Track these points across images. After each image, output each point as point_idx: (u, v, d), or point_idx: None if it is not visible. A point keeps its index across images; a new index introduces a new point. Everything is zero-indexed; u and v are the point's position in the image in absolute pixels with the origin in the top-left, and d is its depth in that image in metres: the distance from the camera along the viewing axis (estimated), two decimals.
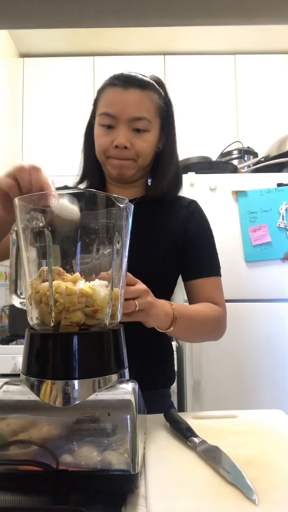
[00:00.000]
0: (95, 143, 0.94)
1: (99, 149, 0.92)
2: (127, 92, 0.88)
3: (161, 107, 0.94)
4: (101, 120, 0.91)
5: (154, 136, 0.93)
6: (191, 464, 0.58)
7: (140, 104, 0.89)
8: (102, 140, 0.91)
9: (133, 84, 0.89)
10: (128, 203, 0.59)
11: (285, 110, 2.60)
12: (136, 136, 0.90)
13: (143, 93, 0.90)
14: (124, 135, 0.88)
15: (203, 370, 1.85)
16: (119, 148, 0.88)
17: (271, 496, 0.49)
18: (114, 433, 0.50)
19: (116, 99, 0.89)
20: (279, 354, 1.87)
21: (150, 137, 0.92)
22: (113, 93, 0.90)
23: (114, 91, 0.89)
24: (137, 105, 0.89)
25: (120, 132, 0.88)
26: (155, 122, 0.93)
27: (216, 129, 2.57)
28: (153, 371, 0.96)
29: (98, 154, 0.93)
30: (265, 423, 0.74)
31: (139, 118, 0.89)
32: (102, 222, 0.57)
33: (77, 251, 0.56)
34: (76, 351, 0.53)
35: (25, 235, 0.58)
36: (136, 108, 0.88)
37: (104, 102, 0.91)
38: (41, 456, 0.50)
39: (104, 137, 0.90)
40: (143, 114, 0.89)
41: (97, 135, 0.92)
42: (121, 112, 0.88)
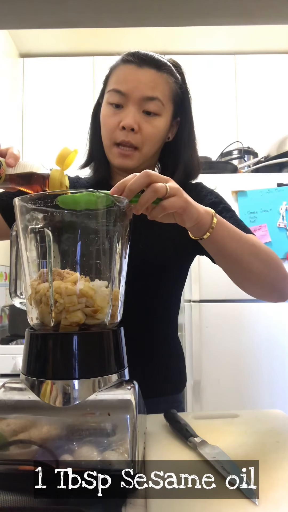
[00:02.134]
0: (101, 124, 0.87)
1: (105, 131, 0.85)
2: (141, 70, 0.82)
3: (176, 92, 0.88)
4: (110, 97, 0.84)
5: (165, 123, 0.86)
6: (191, 464, 0.58)
7: (154, 84, 0.82)
8: (109, 121, 0.84)
9: (149, 63, 0.83)
10: (128, 203, 0.59)
11: (285, 110, 2.60)
12: (145, 119, 0.83)
13: (159, 74, 0.83)
14: (133, 115, 0.81)
15: (203, 370, 1.85)
16: (125, 130, 0.82)
17: (271, 496, 0.49)
18: (114, 433, 0.50)
19: (129, 76, 0.82)
20: (279, 354, 1.87)
21: (160, 122, 0.85)
22: (126, 70, 0.83)
23: (128, 68, 0.83)
24: (151, 85, 0.82)
25: (129, 113, 0.81)
26: (167, 107, 0.86)
27: (216, 129, 2.57)
28: (163, 376, 0.91)
29: (103, 137, 0.87)
30: (265, 423, 0.74)
31: (151, 98, 0.82)
32: (102, 222, 0.57)
33: (77, 251, 0.56)
34: (76, 351, 0.53)
35: (25, 235, 0.58)
36: (149, 88, 0.82)
37: (115, 78, 0.85)
38: (41, 456, 0.50)
39: (111, 117, 0.84)
40: (156, 94, 0.82)
41: (104, 115, 0.86)
42: (132, 90, 0.81)
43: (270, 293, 0.82)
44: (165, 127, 0.87)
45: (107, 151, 0.88)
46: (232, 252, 0.72)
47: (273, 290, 0.81)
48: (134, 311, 0.72)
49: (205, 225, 0.66)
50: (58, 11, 0.37)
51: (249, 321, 1.88)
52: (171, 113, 0.88)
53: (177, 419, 0.70)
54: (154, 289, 0.90)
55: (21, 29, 2.35)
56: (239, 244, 0.72)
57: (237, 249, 0.72)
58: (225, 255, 0.73)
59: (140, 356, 0.62)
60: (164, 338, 0.94)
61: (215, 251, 0.73)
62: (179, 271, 0.96)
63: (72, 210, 0.55)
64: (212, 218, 0.66)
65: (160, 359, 0.91)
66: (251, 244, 0.74)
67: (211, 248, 0.72)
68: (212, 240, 0.68)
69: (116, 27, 0.51)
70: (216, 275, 1.87)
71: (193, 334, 1.87)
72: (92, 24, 0.41)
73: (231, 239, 0.71)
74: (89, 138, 0.95)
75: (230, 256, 0.73)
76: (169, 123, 0.88)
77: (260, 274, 0.76)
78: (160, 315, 0.93)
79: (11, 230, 0.66)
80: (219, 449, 0.60)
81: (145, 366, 0.65)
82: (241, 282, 0.80)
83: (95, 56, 2.65)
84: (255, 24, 0.42)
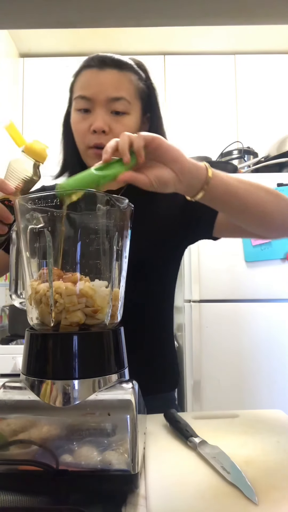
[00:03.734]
0: (73, 131, 0.88)
1: (78, 137, 0.87)
2: (103, 73, 0.83)
3: (142, 89, 0.88)
4: (77, 104, 0.85)
5: (135, 120, 0.86)
6: (191, 464, 0.58)
7: (117, 84, 0.83)
8: (79, 126, 0.85)
9: (110, 64, 0.84)
10: (128, 203, 0.59)
11: (285, 110, 2.59)
12: (114, 120, 0.83)
13: (121, 73, 0.84)
14: (102, 118, 0.82)
15: (203, 370, 1.85)
16: (97, 133, 0.82)
17: (271, 496, 0.49)
18: (114, 433, 0.50)
19: (92, 81, 0.83)
20: (279, 354, 1.87)
21: (130, 120, 0.85)
22: (88, 75, 0.84)
23: (89, 72, 0.84)
24: (115, 85, 0.83)
25: (98, 116, 0.82)
26: (135, 104, 0.86)
27: (216, 129, 2.57)
28: (156, 375, 0.92)
29: (78, 144, 0.88)
30: (265, 423, 0.74)
31: (117, 98, 0.82)
32: (102, 222, 0.57)
33: (77, 251, 0.56)
34: (76, 351, 0.53)
35: (25, 235, 0.58)
36: (113, 88, 0.82)
37: (79, 85, 0.86)
38: (41, 456, 0.50)
39: (81, 122, 0.85)
40: (121, 94, 0.83)
41: (74, 122, 0.87)
42: (97, 93, 0.82)
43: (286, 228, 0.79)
44: (136, 124, 0.87)
45: (83, 156, 0.89)
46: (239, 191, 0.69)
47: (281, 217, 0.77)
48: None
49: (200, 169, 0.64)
50: (58, 11, 0.37)
51: (249, 321, 1.88)
52: (140, 109, 0.88)
53: (177, 419, 0.70)
54: (140, 287, 0.88)
55: (21, 29, 2.35)
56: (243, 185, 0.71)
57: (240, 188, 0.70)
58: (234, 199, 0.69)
59: (131, 353, 0.62)
60: (155, 336, 0.94)
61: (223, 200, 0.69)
62: (163, 268, 0.94)
63: (72, 210, 0.55)
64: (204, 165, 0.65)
65: (152, 357, 0.91)
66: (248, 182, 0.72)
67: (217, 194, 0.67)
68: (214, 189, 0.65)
69: (116, 27, 0.51)
70: (216, 275, 1.88)
71: (193, 334, 1.86)
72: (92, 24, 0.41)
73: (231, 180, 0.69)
74: (62, 148, 0.96)
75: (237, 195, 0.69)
76: (139, 120, 0.88)
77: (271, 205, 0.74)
78: (150, 313, 0.93)
79: (11, 230, 0.67)
80: (219, 449, 0.60)
81: (137, 364, 0.66)
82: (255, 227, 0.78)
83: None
84: (255, 24, 0.42)
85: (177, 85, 2.59)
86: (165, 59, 2.65)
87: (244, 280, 1.89)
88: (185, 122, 2.57)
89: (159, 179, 0.60)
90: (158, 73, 2.62)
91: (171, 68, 2.64)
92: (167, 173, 0.61)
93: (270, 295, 1.89)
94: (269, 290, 1.89)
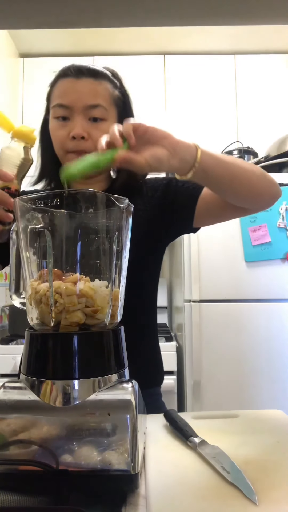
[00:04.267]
0: (52, 138, 0.91)
1: (57, 144, 0.89)
2: (80, 81, 0.86)
3: (117, 96, 0.92)
4: (55, 112, 0.88)
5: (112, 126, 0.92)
6: (191, 464, 0.58)
7: (94, 92, 0.86)
8: (58, 133, 0.88)
9: (86, 74, 0.87)
10: (128, 203, 0.59)
11: (285, 110, 2.59)
12: (93, 126, 0.86)
13: (97, 82, 0.87)
14: (81, 125, 0.85)
15: (203, 370, 1.85)
16: (76, 139, 0.85)
17: (271, 496, 0.49)
18: (114, 433, 0.50)
19: (69, 89, 0.86)
20: (279, 354, 1.87)
21: (107, 126, 0.86)
22: (65, 83, 0.87)
23: (66, 81, 0.87)
24: (92, 93, 0.86)
25: (76, 123, 0.85)
26: (111, 111, 0.90)
27: (216, 129, 2.57)
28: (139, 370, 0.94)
29: (56, 150, 0.90)
30: (265, 423, 0.74)
31: (94, 105, 0.86)
32: (102, 222, 0.57)
33: (77, 251, 0.56)
34: (76, 351, 0.53)
35: (25, 235, 0.58)
36: (90, 96, 0.86)
37: (57, 93, 0.89)
38: (41, 456, 0.50)
39: (60, 130, 0.87)
40: (98, 101, 0.86)
41: (53, 129, 0.89)
42: (75, 101, 0.85)
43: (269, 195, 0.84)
44: None
45: (62, 161, 0.91)
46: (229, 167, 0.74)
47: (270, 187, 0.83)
48: None
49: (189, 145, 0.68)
50: (58, 11, 0.37)
51: (249, 321, 1.88)
52: (116, 116, 0.92)
53: (177, 419, 0.70)
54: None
55: (21, 29, 2.35)
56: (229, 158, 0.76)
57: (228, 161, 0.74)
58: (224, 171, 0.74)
59: None
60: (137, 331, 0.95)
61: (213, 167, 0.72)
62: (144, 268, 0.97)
63: (72, 210, 0.55)
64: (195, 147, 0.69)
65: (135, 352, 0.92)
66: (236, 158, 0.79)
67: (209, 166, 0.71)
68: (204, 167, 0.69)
69: (116, 27, 0.52)
70: (216, 275, 1.88)
71: (193, 334, 1.87)
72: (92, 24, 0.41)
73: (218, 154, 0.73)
74: (40, 155, 0.99)
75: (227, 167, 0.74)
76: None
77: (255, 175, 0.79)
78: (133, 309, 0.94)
79: (11, 230, 0.67)
80: (219, 449, 0.60)
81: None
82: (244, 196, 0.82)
83: (95, 56, 2.64)
84: (255, 24, 0.42)
85: (177, 85, 2.59)
86: (165, 59, 2.65)
87: (244, 280, 1.89)
88: (185, 122, 2.57)
89: (153, 157, 0.63)
90: (158, 73, 2.62)
91: (171, 68, 2.64)
92: (160, 150, 0.64)
93: (270, 295, 1.89)
94: (269, 290, 1.89)
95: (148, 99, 2.56)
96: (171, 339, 2.02)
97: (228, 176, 0.74)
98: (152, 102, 2.57)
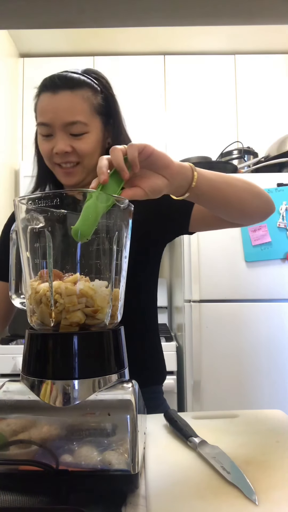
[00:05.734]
0: (40, 151, 0.92)
1: (44, 157, 0.91)
2: (57, 97, 0.86)
3: (98, 104, 0.90)
4: (39, 129, 0.89)
5: (96, 136, 0.89)
6: (191, 464, 0.58)
7: (71, 108, 0.85)
8: (44, 148, 0.89)
9: (62, 87, 0.86)
10: (128, 203, 0.59)
11: (285, 110, 2.60)
12: (76, 139, 0.87)
13: (73, 94, 0.86)
14: (63, 141, 0.86)
15: (203, 370, 1.85)
16: (59, 154, 0.86)
17: (271, 496, 0.49)
18: (114, 433, 0.50)
19: (48, 107, 0.86)
20: (279, 354, 1.87)
21: (90, 138, 0.88)
22: (45, 100, 0.87)
23: (45, 97, 0.87)
24: (69, 110, 0.85)
25: (59, 140, 0.86)
26: (93, 121, 0.88)
27: (216, 129, 2.57)
28: (140, 368, 0.94)
29: (45, 162, 0.92)
30: (265, 423, 0.74)
31: (72, 122, 0.85)
32: (102, 222, 0.57)
33: (77, 251, 0.56)
34: (76, 351, 0.53)
35: (25, 235, 0.58)
36: (68, 113, 0.85)
37: (39, 110, 0.89)
38: (41, 456, 0.50)
39: (45, 145, 0.89)
40: (76, 118, 0.85)
41: (39, 144, 0.91)
42: (53, 119, 0.85)
43: (264, 208, 0.85)
44: (98, 139, 0.90)
45: (54, 172, 0.92)
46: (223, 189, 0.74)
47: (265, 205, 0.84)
48: None
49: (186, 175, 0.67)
50: (58, 11, 0.37)
51: (249, 321, 1.88)
52: (100, 124, 0.90)
53: (177, 419, 0.70)
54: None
55: (21, 29, 2.35)
56: (224, 179, 0.75)
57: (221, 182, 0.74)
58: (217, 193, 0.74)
59: None
60: (139, 331, 0.96)
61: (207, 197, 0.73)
62: (143, 272, 0.97)
63: (72, 210, 0.55)
64: (191, 168, 0.69)
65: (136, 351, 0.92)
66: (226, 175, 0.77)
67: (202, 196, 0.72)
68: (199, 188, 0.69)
69: (116, 27, 0.52)
70: (216, 275, 1.88)
71: (193, 334, 1.87)
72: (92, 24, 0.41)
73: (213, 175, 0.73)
74: (36, 163, 0.99)
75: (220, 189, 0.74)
76: (101, 133, 0.91)
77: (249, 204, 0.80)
78: (134, 308, 0.94)
79: (11, 230, 0.67)
80: (219, 449, 0.60)
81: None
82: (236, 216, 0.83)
83: (95, 56, 2.65)
84: (255, 24, 0.42)
85: (177, 85, 2.59)
86: (165, 59, 2.65)
87: (244, 280, 1.89)
88: (185, 122, 2.57)
89: (153, 189, 0.62)
90: (158, 73, 2.62)
91: (171, 68, 2.64)
92: (159, 181, 0.63)
93: (270, 295, 1.89)
94: (269, 290, 1.89)
95: (148, 99, 2.56)
96: (171, 339, 2.02)
97: (221, 199, 0.75)
98: (152, 102, 2.57)
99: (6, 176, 2.40)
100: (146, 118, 2.54)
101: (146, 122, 2.54)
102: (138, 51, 2.63)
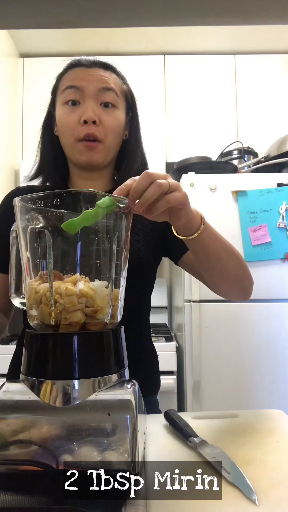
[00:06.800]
0: (60, 126, 0.88)
1: (66, 131, 0.85)
2: (91, 69, 0.86)
3: (126, 90, 0.92)
4: (66, 96, 0.85)
5: (122, 116, 0.89)
6: (191, 464, 0.58)
7: (106, 78, 0.86)
8: (68, 119, 0.84)
9: (97, 65, 0.87)
10: (128, 204, 0.59)
11: (285, 110, 2.59)
12: (104, 112, 0.85)
13: (107, 72, 0.88)
14: (92, 109, 0.83)
15: (203, 370, 1.85)
16: (87, 124, 0.82)
17: (271, 496, 0.49)
18: (114, 433, 0.50)
19: (81, 75, 0.86)
20: (279, 354, 1.87)
21: (118, 114, 0.88)
22: (77, 71, 0.87)
23: (78, 69, 0.87)
24: (104, 78, 0.86)
25: (88, 107, 0.83)
26: (121, 100, 0.89)
27: (216, 129, 2.57)
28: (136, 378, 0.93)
29: (65, 137, 0.87)
30: (265, 423, 0.74)
31: (107, 88, 0.85)
32: (102, 222, 0.57)
33: (77, 251, 0.56)
34: (76, 351, 0.53)
35: (25, 235, 0.58)
36: (103, 80, 0.85)
37: (67, 80, 0.87)
38: (41, 456, 0.50)
39: (70, 115, 0.84)
40: (111, 85, 0.85)
41: (62, 115, 0.86)
42: (87, 84, 0.84)
43: (239, 292, 0.86)
44: (123, 119, 0.90)
45: (71, 151, 0.88)
46: (214, 252, 0.75)
47: (242, 288, 0.85)
48: None
49: (195, 224, 0.69)
50: (58, 11, 0.37)
51: (249, 321, 1.88)
52: (125, 107, 0.91)
53: (177, 419, 0.70)
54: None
55: (21, 29, 2.35)
56: (220, 244, 0.76)
57: (218, 249, 0.76)
58: (208, 254, 0.76)
59: None
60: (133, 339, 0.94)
61: (199, 249, 0.75)
62: (149, 270, 0.97)
63: (72, 210, 0.55)
64: (201, 218, 0.70)
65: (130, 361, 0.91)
66: (228, 245, 0.79)
67: (196, 246, 0.74)
68: (199, 239, 0.70)
69: (116, 27, 0.51)
70: None
71: (193, 334, 1.87)
72: (92, 24, 0.41)
73: (214, 238, 0.75)
74: (39, 151, 0.96)
75: (212, 255, 0.76)
76: (124, 117, 0.91)
77: (235, 273, 0.81)
78: (130, 316, 0.93)
79: (11, 230, 0.67)
80: (219, 449, 0.60)
81: None
82: (216, 282, 0.84)
83: (95, 56, 2.65)
84: (255, 24, 0.42)
85: (177, 85, 2.59)
86: (165, 59, 2.65)
87: None
88: (185, 122, 2.57)
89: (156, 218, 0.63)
90: (158, 73, 2.62)
91: (171, 68, 2.64)
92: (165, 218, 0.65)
93: (270, 295, 1.89)
94: (269, 290, 1.89)
95: (148, 99, 2.55)
96: (171, 339, 2.02)
97: (214, 256, 0.76)
98: (152, 102, 2.57)
99: (6, 176, 2.39)
100: (146, 118, 2.53)
101: (146, 122, 2.53)
102: (138, 51, 2.63)
